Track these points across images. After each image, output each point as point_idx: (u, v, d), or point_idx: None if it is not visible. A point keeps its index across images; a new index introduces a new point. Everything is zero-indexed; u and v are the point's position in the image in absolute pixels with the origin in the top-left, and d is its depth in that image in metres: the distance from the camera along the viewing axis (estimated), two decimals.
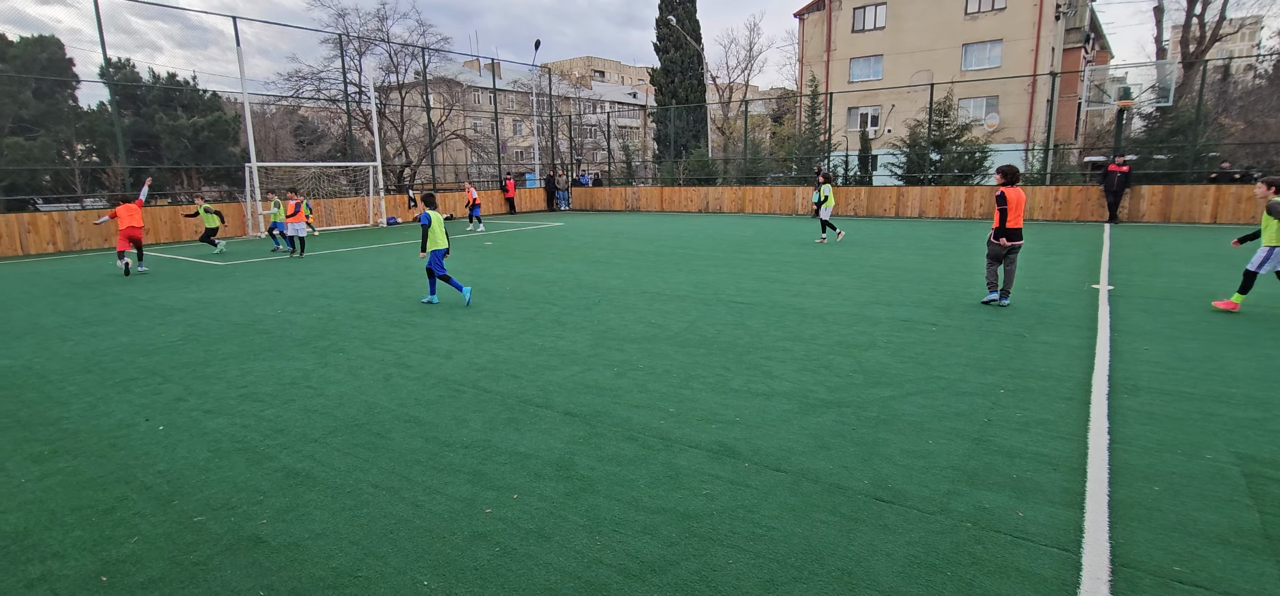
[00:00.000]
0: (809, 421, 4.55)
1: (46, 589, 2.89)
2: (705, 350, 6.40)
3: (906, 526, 3.22)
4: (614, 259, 13.13)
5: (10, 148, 22.42)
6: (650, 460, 4.01)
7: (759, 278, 10.50)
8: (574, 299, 9.09)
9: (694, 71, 38.17)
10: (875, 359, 6.00)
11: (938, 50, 34.55)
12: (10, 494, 3.77)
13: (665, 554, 3.04)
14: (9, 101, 23.07)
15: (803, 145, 27.16)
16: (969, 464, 3.86)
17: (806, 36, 38.93)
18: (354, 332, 7.43)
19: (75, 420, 4.91)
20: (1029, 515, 3.30)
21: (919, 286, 9.49)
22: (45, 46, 25.11)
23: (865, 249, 13.92)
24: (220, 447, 4.34)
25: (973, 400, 4.90)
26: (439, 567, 2.97)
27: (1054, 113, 26.42)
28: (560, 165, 35.61)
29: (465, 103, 36.54)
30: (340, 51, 24.91)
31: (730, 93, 41.81)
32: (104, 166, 24.73)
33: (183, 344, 7.09)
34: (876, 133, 34.72)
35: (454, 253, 14.85)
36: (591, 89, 60.48)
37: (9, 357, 6.70)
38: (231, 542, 3.22)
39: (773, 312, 7.98)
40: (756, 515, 3.35)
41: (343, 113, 26.63)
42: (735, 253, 13.71)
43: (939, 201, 21.88)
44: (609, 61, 75.19)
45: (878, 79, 36.41)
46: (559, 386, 5.42)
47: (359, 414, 4.90)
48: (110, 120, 20.81)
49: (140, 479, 3.92)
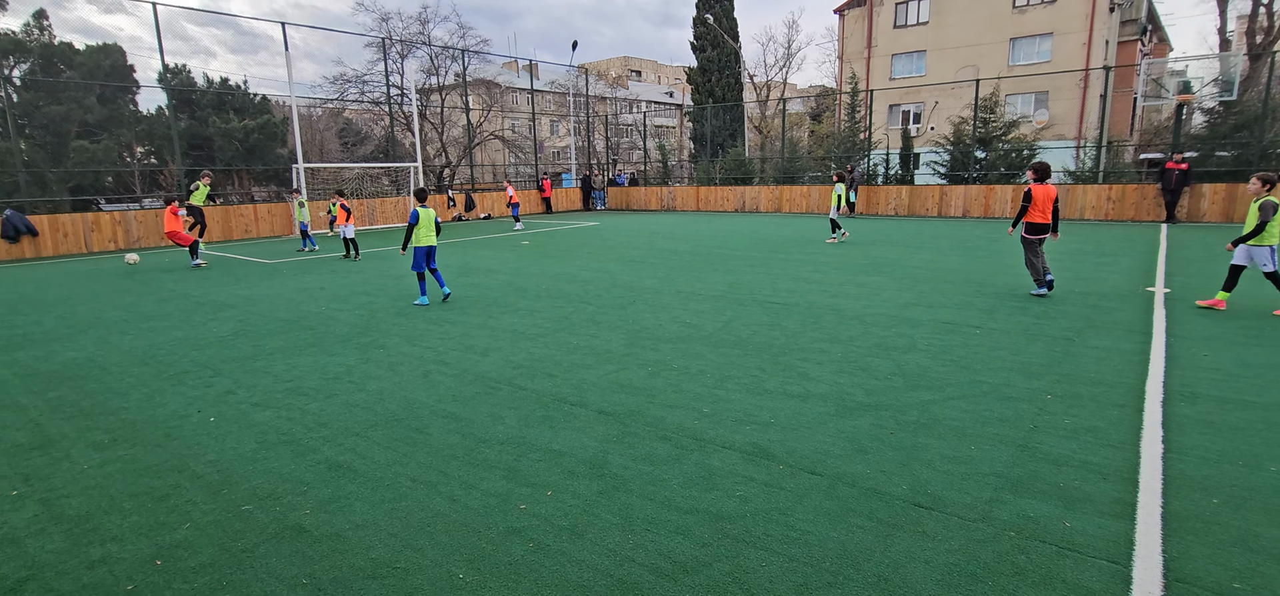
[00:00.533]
0: (846, 424, 4.48)
1: (106, 570, 3.03)
2: (740, 351, 6.35)
3: (946, 533, 3.14)
4: (649, 258, 13.14)
5: (76, 150, 23.60)
6: (684, 460, 4.00)
7: (795, 278, 10.37)
8: (609, 298, 9.12)
9: (731, 70, 37.91)
10: (915, 361, 5.87)
11: (983, 45, 33.60)
12: (74, 479, 3.97)
13: (698, 554, 3.03)
14: (75, 107, 24.29)
15: (842, 143, 26.72)
16: (1013, 471, 3.75)
17: (847, 33, 38.31)
18: (394, 329, 7.60)
19: (133, 410, 5.14)
20: (1076, 525, 3.18)
21: (962, 288, 9.25)
22: (108, 54, 26.36)
23: (906, 249, 13.63)
24: (267, 439, 4.49)
25: (1018, 405, 4.75)
26: (474, 561, 3.02)
27: (1108, 108, 25.43)
28: (596, 165, 35.79)
29: (503, 104, 37.04)
30: (383, 55, 25.51)
31: (768, 91, 41.42)
32: (161, 168, 25.84)
33: (233, 338, 7.36)
34: (918, 130, 33.96)
35: (492, 251, 15.07)
36: (628, 89, 60.65)
37: (74, 350, 7.05)
38: (277, 531, 3.32)
39: (809, 313, 7.88)
40: (791, 518, 3.31)
41: (385, 114, 27.27)
42: (771, 253, 13.57)
43: (984, 201, 21.29)
44: (646, 61, 75.31)
45: (920, 75, 35.62)
46: (593, 385, 5.45)
47: (398, 409, 5.01)
48: (167, 123, 21.73)
49: (192, 468, 4.08)
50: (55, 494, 3.79)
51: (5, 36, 23.11)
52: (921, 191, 22.74)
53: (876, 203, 23.64)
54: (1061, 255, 12.17)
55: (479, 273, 11.86)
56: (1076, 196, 19.75)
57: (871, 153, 26.03)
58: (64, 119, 24.12)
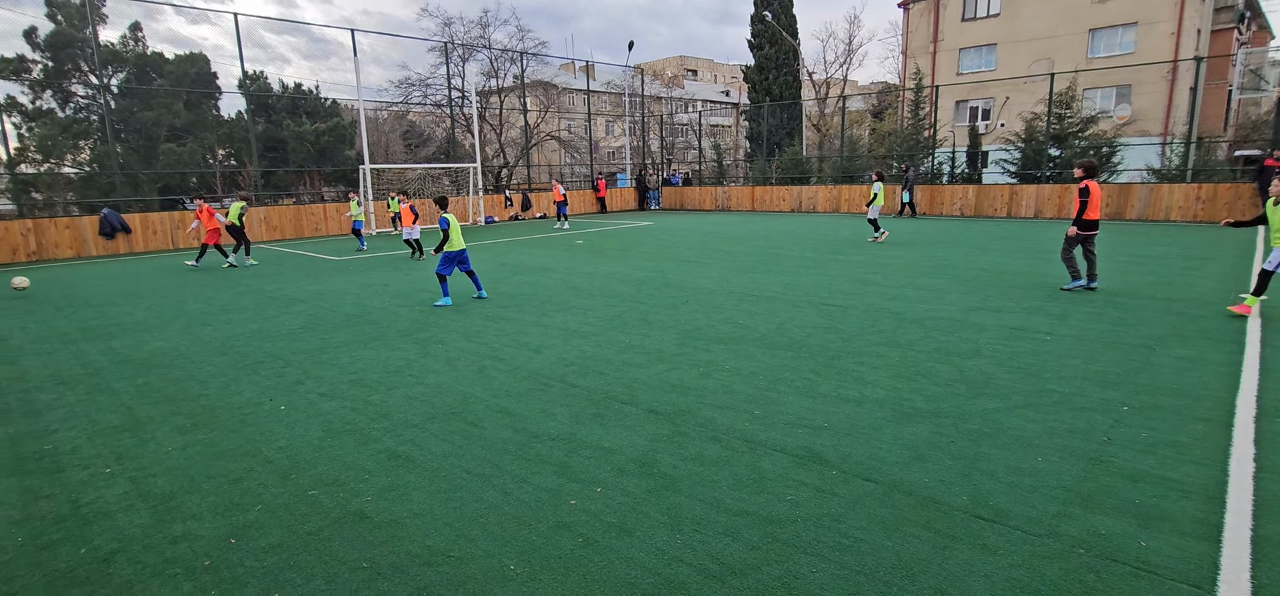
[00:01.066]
0: (903, 431, 4.34)
1: (186, 546, 3.24)
2: (793, 353, 6.25)
3: (1009, 548, 3.01)
4: (702, 258, 13.08)
5: (165, 153, 25.24)
6: (734, 462, 3.96)
7: (853, 279, 10.13)
8: (661, 298, 9.13)
9: (789, 67, 37.30)
10: (979, 368, 5.64)
11: (1059, 37, 31.95)
12: (160, 460, 4.25)
13: (747, 557, 2.99)
14: (165, 112, 25.99)
15: (905, 141, 25.91)
16: (1083, 485, 3.56)
17: (911, 27, 37.11)
18: (453, 326, 7.81)
19: (212, 397, 5.47)
20: (1153, 545, 2.99)
21: (1032, 292, 8.83)
22: (194, 62, 28.08)
23: (971, 250, 13.11)
24: (332, 428, 4.69)
25: (1090, 416, 4.51)
26: (525, 554, 3.08)
27: (1198, 102, 23.74)
28: (650, 165, 35.86)
29: (560, 104, 37.55)
30: (446, 58, 26.27)
31: (827, 88, 40.57)
32: (240, 169, 27.36)
33: (302, 332, 7.72)
34: (987, 127, 32.59)
35: (546, 250, 15.30)
36: (684, 88, 60.51)
37: (161, 339, 7.55)
38: (340, 516, 3.47)
39: (867, 316, 7.68)
40: (843, 524, 3.24)
41: (446, 116, 28.07)
42: (829, 253, 13.29)
43: (1057, 200, 20.25)
44: (702, 60, 74.97)
45: (990, 70, 34.15)
46: (644, 384, 5.46)
47: (455, 403, 5.15)
48: (246, 127, 23.01)
49: (264, 453, 4.30)
50: (143, 473, 4.07)
51: (105, 48, 24.93)
52: (989, 190, 21.82)
53: (940, 202, 22.83)
54: (1142, 259, 11.47)
55: (533, 271, 12.06)
56: (1161, 196, 18.55)
57: (936, 150, 25.14)
58: (155, 124, 25.84)
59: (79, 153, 25.03)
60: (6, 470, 4.19)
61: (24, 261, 16.29)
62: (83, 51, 24.49)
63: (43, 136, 24.08)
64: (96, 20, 21.88)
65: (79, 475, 4.08)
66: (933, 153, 24.89)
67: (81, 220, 17.39)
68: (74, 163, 24.87)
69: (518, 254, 14.79)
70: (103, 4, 24.29)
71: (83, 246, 17.27)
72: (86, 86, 25.40)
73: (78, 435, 4.73)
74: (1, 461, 4.33)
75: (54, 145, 23.99)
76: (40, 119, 24.60)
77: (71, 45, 24.53)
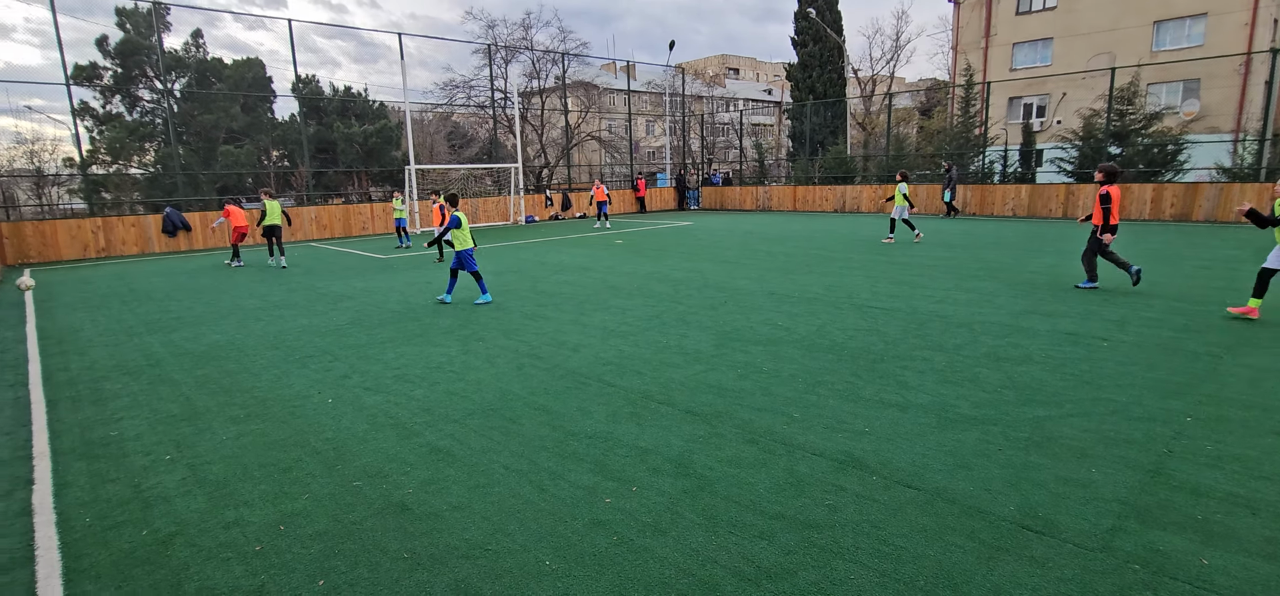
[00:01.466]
0: (948, 437, 4.22)
1: (239, 531, 3.37)
2: (834, 356, 6.14)
3: (1058, 561, 2.89)
4: (742, 259, 12.97)
5: (223, 154, 26.33)
6: (771, 464, 3.92)
7: (897, 281, 9.90)
8: (700, 298, 9.09)
9: (834, 65, 36.67)
10: (1030, 374, 5.44)
11: (1122, 29, 30.58)
12: (215, 448, 4.44)
13: (783, 561, 2.95)
14: (223, 115, 27.10)
15: (954, 139, 25.20)
16: (1140, 498, 3.40)
17: (962, 22, 36.06)
18: (492, 323, 7.93)
19: (264, 389, 5.67)
20: (1216, 563, 2.84)
21: (1088, 296, 8.48)
22: (251, 67, 29.20)
23: (1023, 252, 12.67)
24: (376, 422, 4.82)
25: (1149, 427, 4.30)
26: (560, 550, 3.10)
27: (1274, 97, 22.42)
28: (691, 164, 35.74)
29: (601, 105, 37.75)
30: (489, 60, 26.70)
31: (873, 85, 39.76)
32: (293, 170, 28.33)
33: (349, 327, 7.95)
34: (1042, 124, 31.42)
35: (585, 249, 15.40)
36: (725, 87, 60.10)
37: (217, 334, 7.87)
38: (383, 507, 3.56)
39: (912, 319, 7.50)
40: (883, 531, 3.17)
41: (489, 118, 28.52)
42: (873, 255, 13.02)
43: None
44: (744, 58, 74.35)
45: (1046, 65, 32.92)
46: (681, 384, 5.44)
47: (494, 399, 5.23)
48: (298, 129, 23.83)
49: (312, 444, 4.45)
50: (200, 460, 4.25)
51: (169, 54, 26.13)
52: (1043, 190, 21.04)
53: (991, 202, 22.12)
54: (1209, 263, 10.90)
55: (572, 270, 12.16)
56: (1232, 196, 17.58)
57: (987, 149, 24.38)
58: (214, 126, 26.98)
59: (144, 154, 26.31)
60: (77, 454, 4.43)
61: (94, 257, 17.21)
62: (149, 58, 25.73)
63: (112, 139, 25.40)
64: (161, 28, 22.95)
65: (141, 461, 4.29)
66: (984, 151, 24.14)
67: (146, 218, 18.28)
68: (139, 164, 26.15)
69: (557, 253, 14.93)
70: (167, 12, 25.47)
71: (147, 243, 18.15)
72: (151, 91, 26.68)
73: (140, 423, 4.97)
74: (72, 445, 4.58)
75: (122, 147, 25.29)
76: (110, 122, 25.96)
77: (138, 52, 25.80)
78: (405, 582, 2.89)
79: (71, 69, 19.74)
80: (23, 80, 54.80)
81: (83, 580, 3.01)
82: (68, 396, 5.70)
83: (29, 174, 24.89)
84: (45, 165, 25.61)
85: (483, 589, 2.83)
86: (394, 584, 2.88)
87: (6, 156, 27.32)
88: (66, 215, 17.36)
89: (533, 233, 20.68)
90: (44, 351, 7.33)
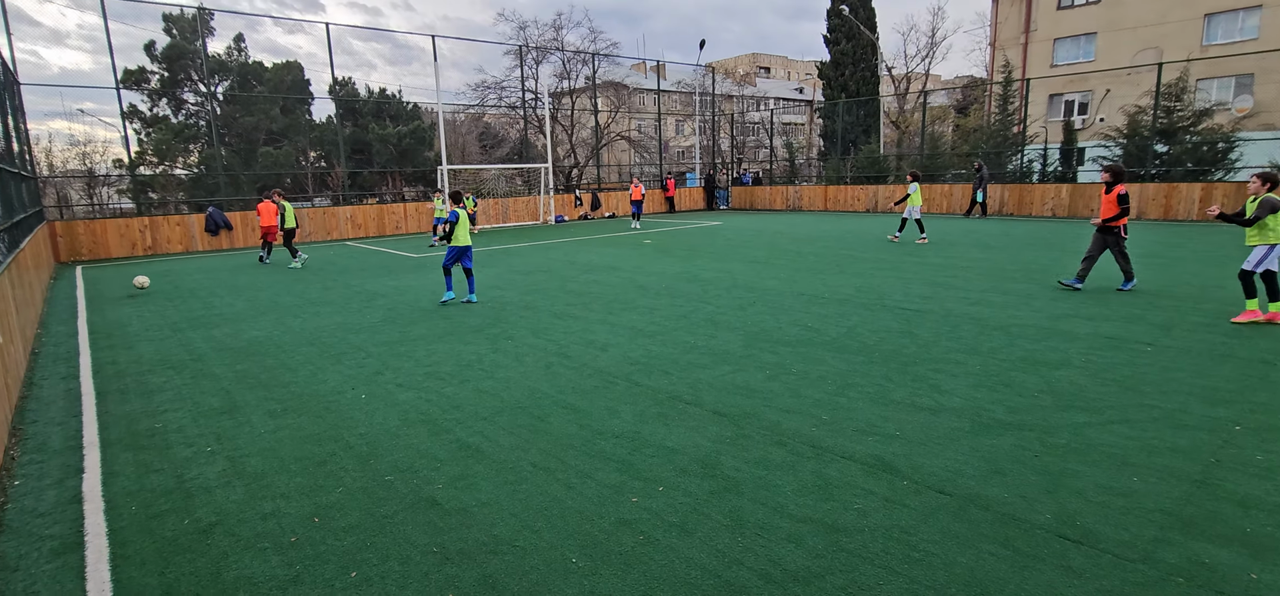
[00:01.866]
0: (982, 442, 4.13)
1: (275, 522, 3.46)
2: (865, 357, 6.05)
3: (1097, 572, 2.81)
4: (772, 259, 12.86)
5: (263, 155, 27.06)
6: (799, 467, 3.88)
7: (931, 282, 9.71)
8: (728, 299, 9.04)
9: (867, 63, 36.13)
10: (1069, 379, 5.29)
11: (1170, 23, 29.52)
12: (254, 441, 4.57)
13: (810, 565, 2.93)
14: (263, 117, 27.86)
15: (991, 138, 24.62)
16: (1185, 509, 3.28)
17: (1001, 18, 35.23)
18: (521, 322, 8.01)
19: (300, 384, 5.82)
20: (1266, 579, 2.72)
21: (1132, 298, 8.21)
22: (290, 70, 29.94)
23: (1063, 253, 12.32)
24: (408, 418, 4.90)
25: (1195, 435, 4.15)
26: (587, 547, 3.12)
27: None
28: (721, 164, 35.57)
29: (630, 105, 37.83)
30: (520, 61, 26.95)
31: (907, 83, 39.07)
32: (329, 171, 28.98)
33: (382, 325, 8.10)
34: (1085, 122, 30.51)
35: (614, 249, 15.44)
36: (755, 86, 59.69)
37: (257, 330, 8.09)
38: (413, 502, 3.62)
39: (945, 321, 7.35)
40: (914, 537, 3.11)
41: (520, 118, 28.77)
42: (906, 255, 12.80)
43: (1164, 201, 18.75)
44: (775, 57, 73.75)
45: (1089, 61, 31.97)
46: (709, 385, 5.43)
47: (523, 397, 5.28)
48: (335, 131, 24.36)
49: (346, 438, 4.55)
50: (239, 452, 4.38)
51: (212, 58, 26.95)
52: (1085, 190, 20.43)
53: (1030, 202, 21.56)
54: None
55: (601, 270, 12.20)
56: None
57: (1026, 148, 23.76)
58: (254, 128, 27.74)
59: (189, 155, 27.19)
60: (124, 445, 4.60)
61: (141, 255, 17.84)
62: (193, 62, 26.57)
63: (158, 141, 26.30)
64: (206, 33, 23.66)
65: (184, 452, 4.43)
66: (1022, 149, 23.53)
67: (190, 217, 18.88)
68: (184, 165, 27.03)
69: (586, 253, 15.00)
70: (211, 17, 26.28)
71: (191, 242, 18.75)
72: (196, 94, 27.54)
73: (183, 415, 5.14)
74: (120, 436, 4.76)
75: (168, 149, 26.16)
76: (156, 125, 26.87)
77: (184, 57, 26.66)
78: (434, 576, 2.94)
79: (121, 73, 20.47)
80: (76, 85, 57.15)
81: (128, 566, 3.13)
82: (116, 389, 5.92)
83: (81, 175, 25.92)
84: (96, 166, 26.66)
85: (510, 584, 2.86)
86: (423, 577, 2.93)
87: (61, 158, 28.51)
88: (115, 214, 18.02)
89: (562, 232, 20.81)
90: (94, 345, 7.63)
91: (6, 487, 4.03)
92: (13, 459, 4.47)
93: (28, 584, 3.04)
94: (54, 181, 23.61)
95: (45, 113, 59.43)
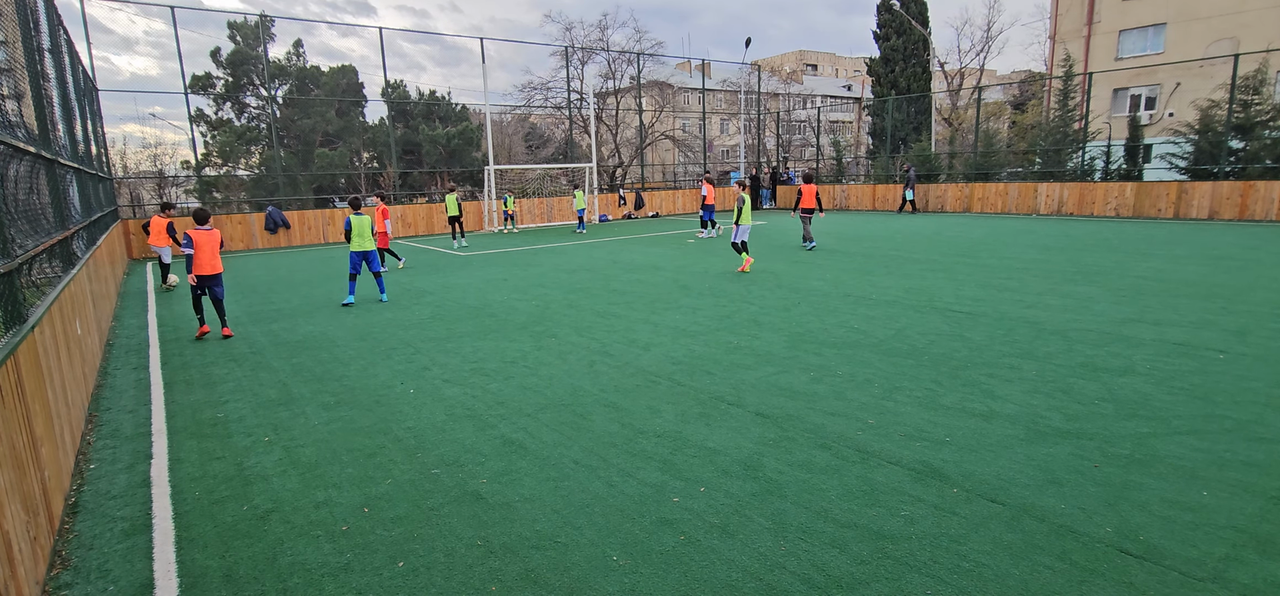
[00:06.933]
0: (1037, 451, 3.98)
1: (328, 511, 3.58)
2: (914, 361, 5.90)
3: (1162, 589, 2.67)
4: (816, 259, 12.65)
5: (319, 157, 28.04)
6: (844, 471, 3.81)
7: (984, 284, 9.40)
8: (773, 299, 8.94)
9: (918, 58, 35.18)
10: (1132, 386, 5.05)
11: (1248, 12, 27.82)
12: (309, 432, 4.74)
13: (854, 571, 2.87)
14: (319, 120, 28.86)
15: (1051, 135, 23.66)
16: (1259, 526, 3.09)
17: (1062, 10, 33.82)
18: (565, 320, 8.08)
19: (352, 378, 6.00)
20: None
21: (1202, 303, 7.78)
22: (345, 74, 30.94)
23: (1127, 255, 11.76)
24: (454, 413, 5.01)
25: (1273, 448, 3.90)
26: (628, 546, 3.13)
27: None
28: (765, 163, 35.17)
29: (675, 104, 37.77)
30: (566, 62, 27.20)
31: (960, 79, 37.88)
32: (381, 171, 29.83)
33: (430, 321, 8.30)
34: (1152, 117, 29.03)
35: (658, 248, 15.42)
36: (802, 83, 58.83)
37: (311, 326, 8.39)
38: (458, 495, 3.70)
39: (999, 324, 7.10)
40: (963, 547, 3.02)
41: (566, 119, 29.04)
42: (958, 256, 12.42)
43: (1239, 200, 17.69)
44: (823, 54, 72.51)
45: (1157, 53, 30.40)
46: (752, 386, 5.37)
47: (565, 395, 5.33)
48: (387, 132, 25.05)
49: (394, 432, 4.67)
50: (295, 443, 4.55)
51: (273, 63, 28.05)
52: (1152, 188, 19.45)
53: (1091, 202, 20.64)
54: None
55: (644, 269, 12.21)
56: None
57: (1087, 144, 22.76)
58: (311, 130, 28.76)
59: (250, 157, 28.37)
60: (189, 433, 4.84)
61: None
62: (255, 67, 27.71)
63: (222, 143, 27.52)
64: (267, 39, 24.65)
65: (244, 441, 4.63)
66: (1083, 146, 22.54)
67: (250, 217, 19.70)
68: (246, 166, 28.22)
69: (630, 252, 15.04)
70: (272, 23, 27.36)
71: (251, 240, 19.57)
72: (257, 98, 28.72)
73: (243, 406, 5.37)
74: (185, 424, 5.01)
75: (231, 150, 27.35)
76: (221, 127, 28.14)
77: (247, 62, 27.83)
78: (478, 569, 2.99)
79: (189, 78, 21.50)
80: (148, 90, 60.23)
81: (192, 549, 3.28)
82: (182, 379, 6.22)
83: (152, 176, 27.33)
84: (165, 167, 28.07)
85: (552, 580, 2.89)
86: (467, 569, 2.99)
87: (134, 160, 30.14)
88: (183, 213, 18.96)
89: (606, 231, 20.92)
90: (162, 338, 8.03)
91: (84, 470, 4.29)
92: (88, 443, 4.75)
93: (101, 561, 3.23)
94: (127, 182, 24.95)
95: (119, 116, 62.90)
